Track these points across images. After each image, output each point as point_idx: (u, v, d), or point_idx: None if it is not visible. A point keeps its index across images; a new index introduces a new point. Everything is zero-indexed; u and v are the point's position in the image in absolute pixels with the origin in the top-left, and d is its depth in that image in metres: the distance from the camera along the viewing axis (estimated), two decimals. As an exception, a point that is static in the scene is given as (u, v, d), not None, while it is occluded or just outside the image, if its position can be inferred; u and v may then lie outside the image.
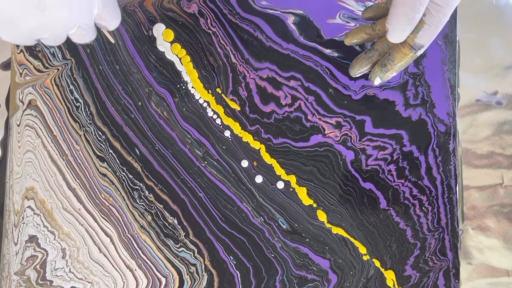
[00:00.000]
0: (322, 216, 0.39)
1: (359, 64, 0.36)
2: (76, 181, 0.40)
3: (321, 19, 0.39)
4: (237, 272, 0.39)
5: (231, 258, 0.39)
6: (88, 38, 0.28)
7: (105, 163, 0.40)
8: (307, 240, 0.39)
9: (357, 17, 0.39)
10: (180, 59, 0.40)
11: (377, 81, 0.36)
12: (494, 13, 0.40)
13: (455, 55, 0.39)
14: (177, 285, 0.39)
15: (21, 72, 0.41)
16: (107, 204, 0.40)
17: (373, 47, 0.36)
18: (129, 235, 0.39)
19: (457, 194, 0.39)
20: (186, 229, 0.39)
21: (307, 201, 0.39)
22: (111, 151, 0.40)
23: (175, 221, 0.39)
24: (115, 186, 0.40)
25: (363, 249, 0.39)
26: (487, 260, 0.40)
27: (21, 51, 0.41)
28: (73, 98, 0.40)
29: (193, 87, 0.39)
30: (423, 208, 0.39)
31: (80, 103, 0.40)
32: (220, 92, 0.39)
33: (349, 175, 0.39)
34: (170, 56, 0.40)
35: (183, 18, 0.39)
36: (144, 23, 0.40)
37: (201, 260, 0.39)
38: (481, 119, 0.40)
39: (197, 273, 0.39)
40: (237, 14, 0.39)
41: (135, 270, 0.39)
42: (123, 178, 0.40)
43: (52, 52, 0.41)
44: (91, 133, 0.40)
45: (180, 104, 0.39)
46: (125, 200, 0.40)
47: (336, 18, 0.39)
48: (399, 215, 0.39)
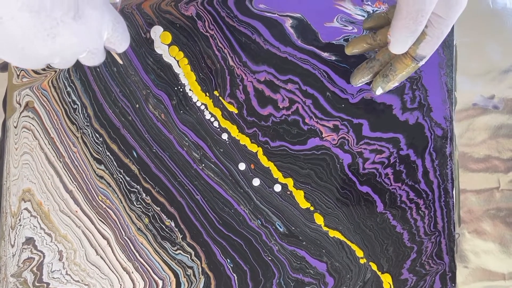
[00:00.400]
0: (319, 219, 0.39)
1: (360, 74, 0.37)
2: (73, 183, 0.40)
3: (318, 23, 0.39)
4: (234, 275, 0.39)
5: (228, 261, 0.39)
6: (97, 61, 0.28)
7: (102, 165, 0.40)
8: (304, 243, 0.39)
9: (354, 20, 0.39)
10: (177, 62, 0.40)
11: (378, 91, 0.36)
12: (491, 17, 0.40)
13: (452, 59, 0.39)
14: (174, 287, 0.39)
15: (18, 73, 0.41)
16: (104, 206, 0.40)
17: (374, 57, 0.36)
18: (126, 238, 0.39)
19: (453, 197, 0.39)
20: (183, 231, 0.39)
21: (304, 204, 0.39)
22: (108, 154, 0.40)
23: (172, 224, 0.39)
24: (112, 188, 0.40)
25: (360, 253, 0.39)
26: (483, 263, 0.40)
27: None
28: (70, 100, 0.40)
29: (190, 90, 0.39)
30: (420, 211, 0.39)
31: (77, 105, 0.40)
32: (217, 95, 0.39)
33: (346, 179, 0.39)
34: (167, 58, 0.39)
35: (181, 20, 0.39)
36: (141, 25, 0.40)
37: (198, 262, 0.39)
38: (478, 123, 0.40)
39: (194, 276, 0.39)
40: (235, 17, 0.39)
41: (132, 272, 0.39)
42: (120, 180, 0.40)
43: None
44: (89, 135, 0.40)
45: (177, 106, 0.39)
46: (122, 202, 0.39)
47: (333, 21, 0.39)
48: (396, 218, 0.39)
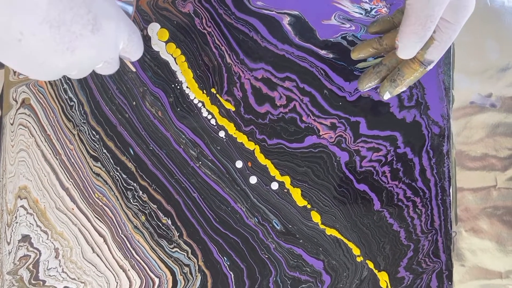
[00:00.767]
0: (316, 217, 0.39)
1: (367, 78, 0.36)
2: (69, 180, 0.40)
3: (316, 20, 0.39)
4: (231, 273, 0.39)
5: (225, 259, 0.39)
6: (112, 70, 0.28)
7: (99, 162, 0.39)
8: (301, 241, 0.39)
9: (352, 18, 0.39)
10: (175, 59, 0.39)
11: (386, 96, 0.36)
12: (488, 15, 0.40)
13: (450, 57, 0.39)
14: (170, 285, 0.39)
15: (15, 71, 0.40)
16: (101, 204, 0.39)
17: (381, 62, 0.36)
18: (122, 235, 0.39)
19: (450, 196, 0.39)
20: (180, 229, 0.39)
21: (301, 202, 0.39)
22: (105, 151, 0.39)
23: (169, 222, 0.39)
24: (109, 186, 0.39)
25: (356, 251, 0.39)
26: (480, 262, 0.40)
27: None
28: (67, 97, 0.40)
29: (187, 87, 0.39)
30: (417, 210, 0.39)
31: (74, 102, 0.40)
32: (215, 92, 0.39)
33: (344, 177, 0.39)
34: (164, 55, 0.39)
35: (178, 17, 0.39)
36: (139, 22, 0.39)
37: (195, 260, 0.39)
38: (475, 121, 0.40)
39: (191, 273, 0.39)
40: (232, 14, 0.39)
41: (129, 270, 0.39)
42: (117, 178, 0.39)
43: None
44: (85, 132, 0.40)
45: (174, 104, 0.39)
46: (118, 200, 0.39)
47: (331, 19, 0.39)
48: (393, 216, 0.39)
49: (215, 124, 0.39)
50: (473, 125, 0.40)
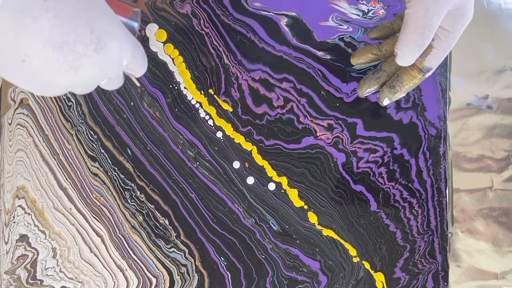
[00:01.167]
0: (313, 218, 0.39)
1: (367, 84, 0.37)
2: (67, 180, 0.40)
3: (314, 21, 0.39)
4: (228, 273, 0.39)
5: (222, 259, 0.39)
6: (116, 85, 0.29)
7: (97, 162, 0.40)
8: (298, 241, 0.39)
9: (349, 19, 0.39)
10: (172, 60, 0.40)
11: (385, 102, 0.36)
12: (485, 17, 0.40)
13: (447, 59, 0.39)
14: (167, 285, 0.39)
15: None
16: (98, 204, 0.40)
17: (380, 68, 0.36)
18: (120, 235, 0.39)
19: (447, 197, 0.39)
20: (177, 229, 0.39)
21: (298, 202, 0.39)
22: (102, 151, 0.40)
23: (166, 222, 0.39)
24: (107, 186, 0.40)
25: (353, 251, 0.39)
26: (476, 263, 0.40)
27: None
28: (65, 97, 0.40)
29: (185, 88, 0.39)
30: (413, 210, 0.39)
31: (72, 102, 0.40)
32: (212, 93, 0.39)
33: (340, 177, 0.39)
34: (162, 56, 0.39)
35: (176, 18, 0.39)
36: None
37: (192, 260, 0.39)
38: (472, 123, 0.40)
39: (188, 273, 0.39)
40: (230, 15, 0.39)
41: (126, 270, 0.39)
42: (115, 178, 0.40)
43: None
44: (83, 132, 0.40)
45: (172, 104, 0.39)
46: (116, 200, 0.40)
47: (329, 20, 0.39)
48: (389, 217, 0.39)
49: (212, 124, 0.39)
50: (469, 127, 0.40)
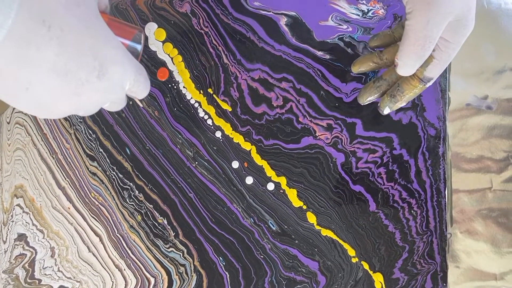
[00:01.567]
0: (311, 218, 0.39)
1: (368, 93, 0.36)
2: (65, 179, 0.40)
3: (313, 21, 0.39)
4: (226, 273, 0.39)
5: (221, 259, 0.39)
6: (119, 107, 0.29)
7: (95, 162, 0.40)
8: (297, 242, 0.39)
9: (349, 19, 0.39)
10: (172, 59, 0.39)
11: (386, 111, 0.36)
12: (485, 17, 0.40)
13: (447, 59, 0.39)
14: (166, 285, 0.39)
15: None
16: (97, 203, 0.39)
17: (381, 77, 0.36)
18: (118, 235, 0.39)
19: (446, 197, 0.39)
20: (175, 229, 0.39)
21: (297, 203, 0.39)
22: (101, 150, 0.40)
23: (165, 221, 0.39)
24: (105, 185, 0.39)
25: (352, 252, 0.39)
26: (475, 263, 0.40)
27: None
28: (63, 96, 0.40)
29: (184, 87, 0.39)
30: (412, 211, 0.39)
31: (70, 101, 0.40)
32: (211, 92, 0.39)
33: (339, 178, 0.39)
34: (162, 55, 0.39)
35: (176, 17, 0.39)
36: (136, 21, 0.40)
37: (191, 260, 0.39)
38: (471, 123, 0.40)
39: (186, 273, 0.39)
40: (229, 14, 0.39)
41: (124, 269, 0.39)
42: (113, 177, 0.39)
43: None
44: (82, 131, 0.40)
45: (171, 104, 0.39)
46: (115, 199, 0.39)
47: (328, 20, 0.39)
48: (388, 218, 0.39)
49: (211, 124, 0.39)
50: (469, 127, 0.40)
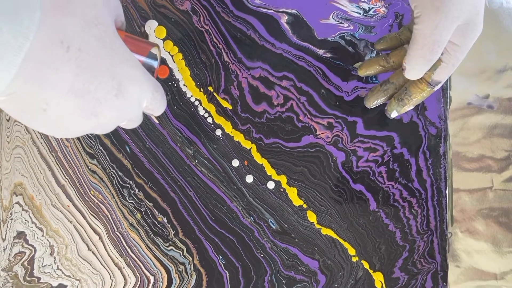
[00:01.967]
0: (312, 217, 0.39)
1: (375, 96, 0.36)
2: (65, 177, 0.40)
3: (314, 19, 0.39)
4: (226, 271, 0.39)
5: (220, 257, 0.39)
6: (135, 125, 0.29)
7: (95, 160, 0.39)
8: (297, 240, 0.39)
9: (350, 17, 0.39)
10: (172, 57, 0.39)
11: (393, 114, 0.36)
12: (486, 16, 0.40)
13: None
14: (165, 284, 0.39)
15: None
16: (96, 201, 0.39)
17: (388, 80, 0.36)
18: (118, 233, 0.39)
19: (446, 197, 0.39)
20: (175, 227, 0.39)
21: (297, 201, 0.39)
22: (101, 148, 0.39)
23: (165, 220, 0.39)
24: (105, 183, 0.39)
25: (352, 251, 0.39)
26: (475, 263, 0.40)
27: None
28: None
29: (185, 85, 0.39)
30: (413, 210, 0.39)
31: (70, 99, 0.40)
32: (212, 90, 0.39)
33: (340, 176, 0.39)
34: (162, 53, 0.39)
35: (176, 15, 0.39)
36: (136, 19, 0.39)
37: (190, 259, 0.39)
38: (472, 123, 0.40)
39: (186, 272, 0.39)
40: (230, 12, 0.39)
41: (124, 268, 0.39)
42: (113, 175, 0.39)
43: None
44: (81, 129, 0.40)
45: (171, 102, 0.39)
46: (114, 197, 0.39)
47: (329, 18, 0.39)
48: (388, 217, 0.39)
49: (211, 122, 0.39)
50: (470, 126, 0.40)
